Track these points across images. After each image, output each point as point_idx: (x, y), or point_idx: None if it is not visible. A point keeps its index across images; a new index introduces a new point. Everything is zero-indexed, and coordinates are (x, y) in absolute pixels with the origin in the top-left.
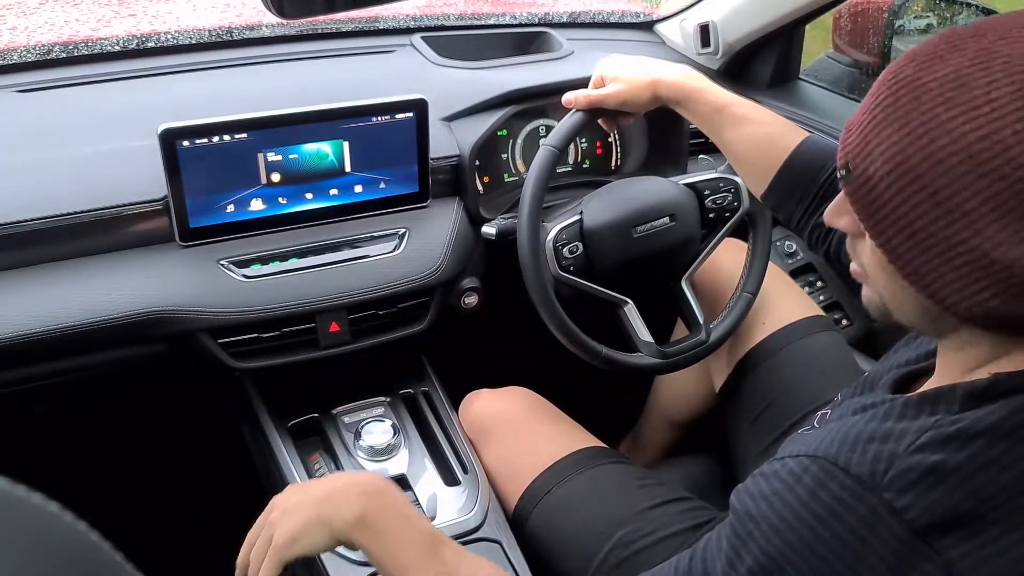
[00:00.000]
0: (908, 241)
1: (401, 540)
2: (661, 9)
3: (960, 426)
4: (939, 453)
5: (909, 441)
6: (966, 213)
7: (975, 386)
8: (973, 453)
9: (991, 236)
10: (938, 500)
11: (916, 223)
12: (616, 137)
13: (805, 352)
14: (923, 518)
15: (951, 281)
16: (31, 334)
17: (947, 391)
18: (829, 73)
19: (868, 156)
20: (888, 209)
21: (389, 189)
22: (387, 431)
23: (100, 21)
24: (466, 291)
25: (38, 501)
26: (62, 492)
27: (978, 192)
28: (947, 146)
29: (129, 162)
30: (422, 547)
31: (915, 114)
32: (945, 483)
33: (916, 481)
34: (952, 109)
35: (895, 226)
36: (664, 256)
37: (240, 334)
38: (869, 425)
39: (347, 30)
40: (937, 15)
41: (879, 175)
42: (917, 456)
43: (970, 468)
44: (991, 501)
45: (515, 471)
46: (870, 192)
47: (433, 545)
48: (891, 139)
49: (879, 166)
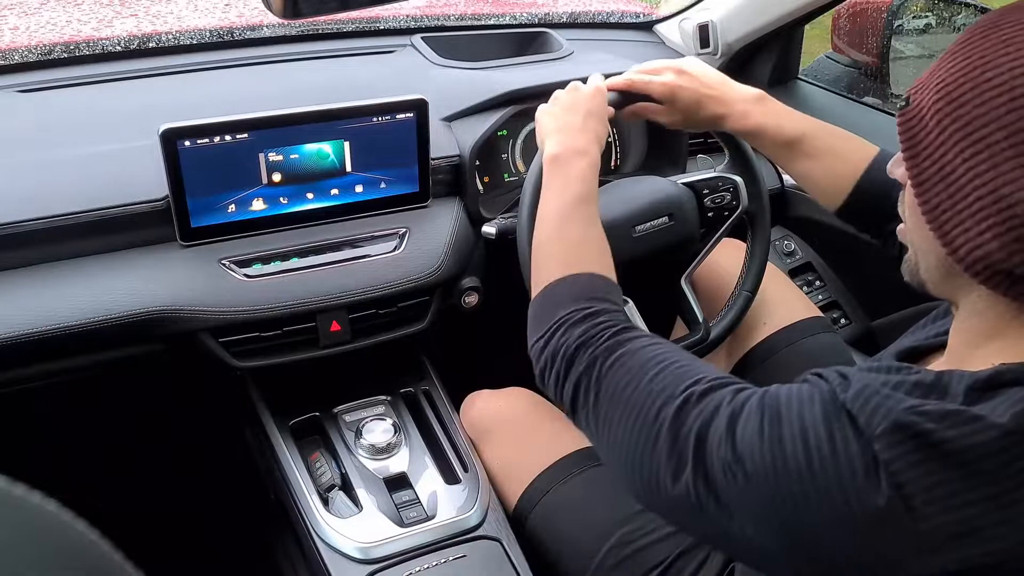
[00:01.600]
0: (936, 175)
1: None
2: (661, 9)
3: (958, 407)
4: (934, 423)
5: (909, 405)
6: (989, 146)
7: (978, 377)
8: (966, 433)
9: (1006, 172)
10: (921, 462)
11: (947, 155)
12: (615, 137)
13: (804, 353)
14: (904, 474)
15: (962, 220)
16: (32, 334)
17: (955, 379)
18: (828, 73)
19: (927, 88)
20: (928, 140)
21: (390, 189)
22: (388, 430)
23: (102, 21)
24: (466, 291)
25: (37, 500)
26: (62, 491)
27: (1005, 126)
28: (993, 79)
29: (130, 162)
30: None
31: (978, 50)
32: (933, 450)
33: (906, 439)
34: (1010, 47)
35: (929, 158)
36: (663, 255)
37: (241, 333)
38: (876, 381)
39: (348, 30)
40: (936, 15)
41: (928, 104)
42: (913, 417)
43: (959, 445)
44: (973, 480)
45: (515, 470)
46: (918, 123)
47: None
48: (950, 70)
49: (932, 96)
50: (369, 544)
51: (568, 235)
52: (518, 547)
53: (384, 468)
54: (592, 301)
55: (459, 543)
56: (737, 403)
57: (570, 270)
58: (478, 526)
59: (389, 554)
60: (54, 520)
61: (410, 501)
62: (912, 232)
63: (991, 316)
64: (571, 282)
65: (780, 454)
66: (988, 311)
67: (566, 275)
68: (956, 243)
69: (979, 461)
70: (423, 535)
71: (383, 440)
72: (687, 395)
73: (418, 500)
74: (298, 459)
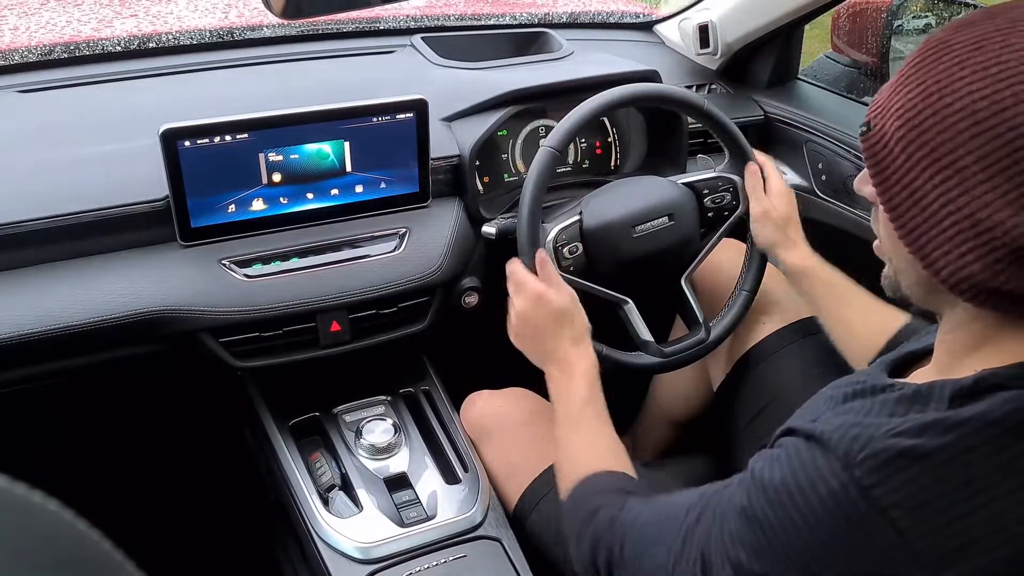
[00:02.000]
0: (908, 200)
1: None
2: (660, 9)
3: (939, 416)
4: (915, 439)
5: (890, 427)
6: (959, 171)
7: (961, 384)
8: (949, 441)
9: (979, 196)
10: (907, 482)
11: (916, 181)
12: (616, 137)
13: (803, 353)
14: (890, 496)
15: (940, 244)
16: (31, 334)
17: (937, 388)
18: (828, 73)
19: (887, 112)
20: (895, 166)
21: (390, 189)
22: (388, 430)
23: (102, 21)
24: (466, 291)
25: (38, 500)
26: (62, 491)
27: (972, 151)
28: (953, 103)
29: (130, 162)
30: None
31: (932, 73)
32: (917, 466)
33: (887, 462)
34: (965, 69)
35: (899, 183)
36: (663, 255)
37: (241, 333)
38: (858, 415)
39: (348, 30)
40: (936, 15)
41: (891, 131)
42: (892, 439)
43: (944, 455)
44: (962, 492)
45: (516, 471)
46: (882, 149)
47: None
48: (908, 96)
49: (893, 122)
50: (369, 544)
51: (583, 436)
52: (518, 547)
53: (384, 468)
54: (602, 495)
55: (459, 543)
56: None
57: (588, 471)
58: (478, 526)
59: (389, 554)
60: (55, 519)
61: (410, 501)
62: (889, 251)
63: (976, 327)
64: (590, 481)
65: (783, 523)
66: (972, 323)
67: (587, 475)
68: (937, 265)
69: (966, 467)
70: (423, 535)
71: (383, 440)
72: (685, 534)
73: (418, 500)
74: (298, 459)
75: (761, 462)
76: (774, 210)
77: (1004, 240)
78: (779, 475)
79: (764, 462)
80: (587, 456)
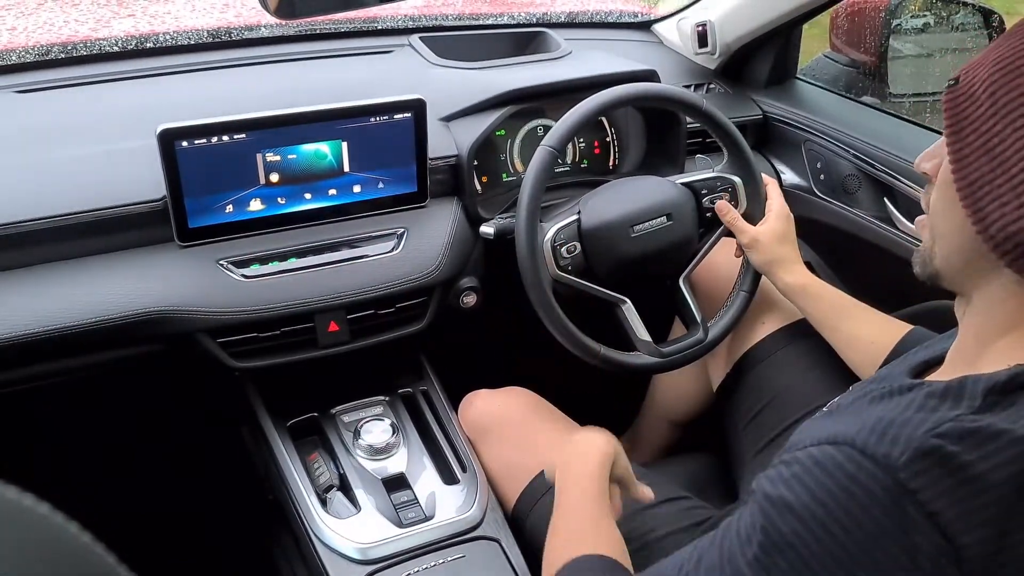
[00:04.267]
0: (981, 148)
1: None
2: (659, 9)
3: (980, 424)
4: (956, 445)
5: (928, 428)
6: None
7: (996, 379)
8: (990, 451)
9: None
10: (951, 488)
11: (995, 127)
12: (614, 137)
13: (803, 353)
14: (936, 501)
15: (1002, 195)
16: (31, 334)
17: (969, 384)
18: (826, 72)
19: (980, 66)
20: (977, 113)
21: (387, 189)
22: (386, 430)
23: (99, 22)
24: (465, 291)
25: (29, 503)
26: (61, 491)
27: None
28: None
29: (128, 162)
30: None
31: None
32: (959, 473)
33: (930, 466)
34: None
35: (976, 131)
36: (662, 255)
37: (239, 334)
38: (890, 413)
39: (345, 30)
40: (934, 14)
41: (983, 78)
42: (934, 441)
43: (985, 465)
44: (1004, 501)
45: (514, 470)
46: (967, 98)
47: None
48: (1011, 46)
49: (987, 71)
50: (367, 544)
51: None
52: (517, 547)
53: (382, 468)
54: None
55: (457, 543)
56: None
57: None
58: (476, 526)
59: (387, 555)
60: (46, 523)
61: (408, 501)
62: (937, 217)
63: (1010, 306)
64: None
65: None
66: (1008, 300)
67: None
68: (990, 219)
69: (1006, 481)
70: (421, 535)
71: (381, 440)
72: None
73: (416, 500)
74: (296, 459)
75: (772, 484)
76: (767, 233)
77: None
78: (805, 489)
79: (777, 483)
80: (588, 542)
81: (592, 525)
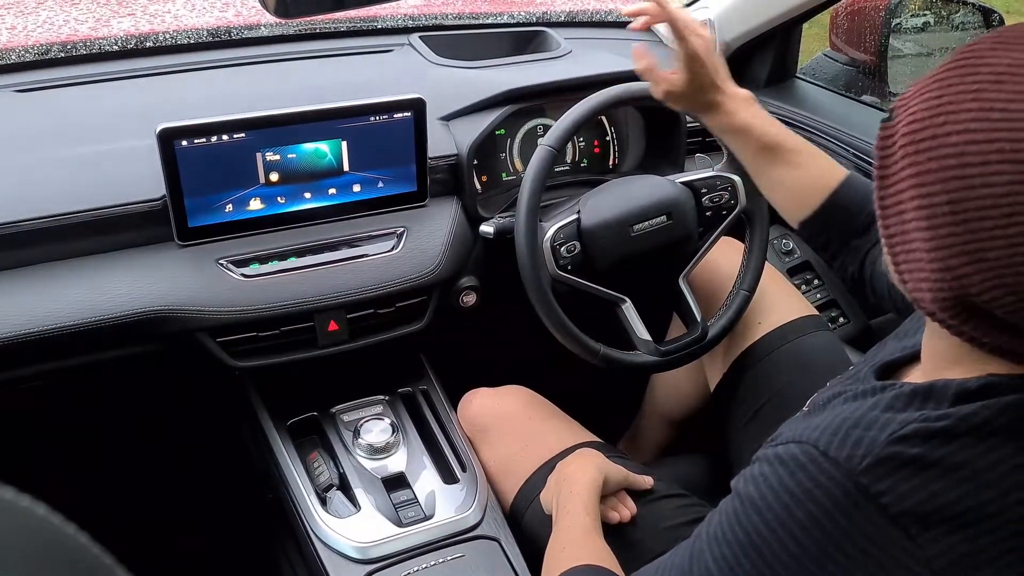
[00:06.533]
0: (893, 208)
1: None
2: None
3: (945, 424)
4: (920, 447)
5: (892, 431)
6: (932, 206)
7: (967, 385)
8: (955, 450)
9: (943, 236)
10: (915, 490)
11: (904, 193)
12: (614, 135)
13: (800, 352)
14: (900, 504)
15: (907, 260)
16: (30, 334)
17: (940, 387)
18: (826, 71)
19: (905, 111)
20: (893, 169)
21: (387, 188)
22: (386, 429)
23: (99, 21)
24: (464, 290)
25: (26, 504)
26: (61, 491)
27: (949, 191)
28: (950, 136)
29: (128, 162)
30: None
31: (950, 92)
32: (923, 475)
33: (893, 470)
34: (975, 102)
35: (891, 188)
36: (661, 254)
37: (239, 333)
38: (855, 413)
39: (345, 29)
40: (934, 13)
41: (899, 135)
42: (897, 446)
43: (951, 464)
44: (971, 500)
45: (512, 467)
46: (891, 147)
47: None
48: (923, 104)
49: (903, 126)
50: (367, 544)
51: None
52: (516, 547)
53: (382, 468)
54: None
55: (457, 543)
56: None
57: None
58: (476, 526)
59: (387, 554)
60: (42, 524)
61: (408, 501)
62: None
63: (952, 341)
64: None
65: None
66: (950, 337)
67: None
68: (903, 277)
69: (973, 477)
70: (421, 535)
71: (381, 440)
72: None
73: (416, 500)
74: (296, 459)
75: (744, 481)
76: (679, 83)
77: (952, 285)
78: (769, 488)
79: (748, 480)
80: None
81: (582, 545)
